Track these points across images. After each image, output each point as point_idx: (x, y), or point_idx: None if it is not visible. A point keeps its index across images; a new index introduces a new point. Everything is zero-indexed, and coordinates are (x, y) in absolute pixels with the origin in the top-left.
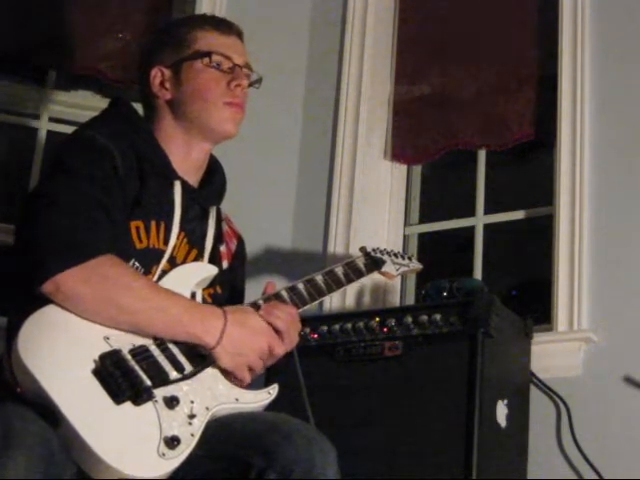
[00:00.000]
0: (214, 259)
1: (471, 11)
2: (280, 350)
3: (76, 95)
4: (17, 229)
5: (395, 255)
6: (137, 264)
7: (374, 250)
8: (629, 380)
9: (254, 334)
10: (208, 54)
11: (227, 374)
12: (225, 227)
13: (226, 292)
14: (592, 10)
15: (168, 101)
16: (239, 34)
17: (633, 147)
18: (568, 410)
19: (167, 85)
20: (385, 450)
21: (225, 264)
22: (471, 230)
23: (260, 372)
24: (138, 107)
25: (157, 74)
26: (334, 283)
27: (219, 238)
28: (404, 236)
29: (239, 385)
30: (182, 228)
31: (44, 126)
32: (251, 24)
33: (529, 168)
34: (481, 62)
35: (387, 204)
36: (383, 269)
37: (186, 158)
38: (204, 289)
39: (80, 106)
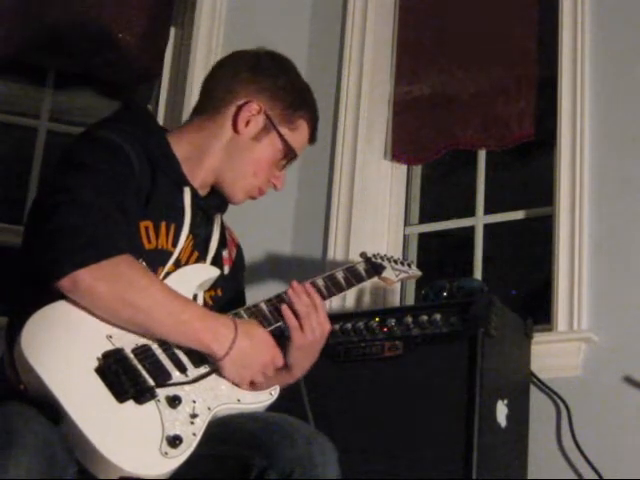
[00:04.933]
0: (216, 263)
1: (471, 11)
2: (281, 362)
3: (76, 95)
4: (30, 225)
5: (395, 261)
6: (144, 264)
7: (374, 256)
8: (629, 380)
9: (259, 347)
10: (293, 152)
11: None
12: (227, 235)
13: (226, 296)
14: (592, 10)
15: (235, 134)
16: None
17: (633, 147)
18: (568, 410)
19: (250, 124)
20: (385, 450)
21: (226, 269)
22: (471, 230)
23: (261, 383)
24: None
25: (254, 108)
26: (334, 287)
27: (223, 243)
28: (404, 236)
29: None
30: (191, 231)
31: (44, 126)
32: (251, 24)
33: (529, 168)
34: (481, 62)
35: (387, 204)
36: (383, 275)
37: (196, 173)
38: (205, 291)
39: (80, 106)
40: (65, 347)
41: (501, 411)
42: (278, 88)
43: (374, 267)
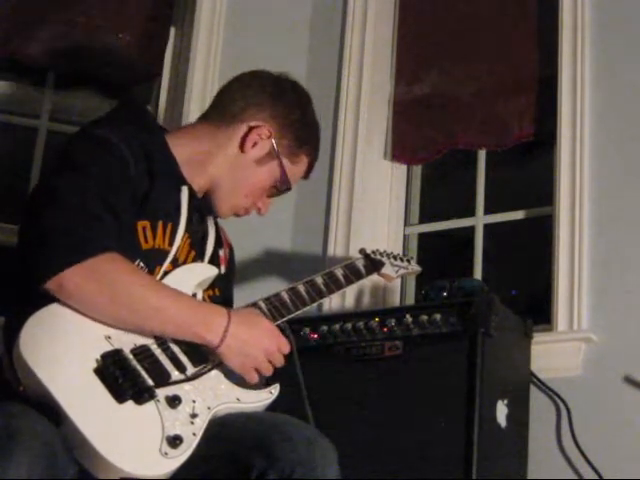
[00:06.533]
0: (214, 262)
1: (471, 11)
2: (287, 349)
3: (76, 95)
4: (21, 226)
5: (394, 257)
6: (142, 264)
7: (373, 252)
8: (629, 380)
9: (260, 334)
10: (288, 184)
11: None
12: (221, 235)
13: (222, 296)
14: (592, 10)
15: (240, 151)
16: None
17: (633, 147)
18: (568, 410)
19: (257, 146)
20: (385, 450)
21: (223, 269)
22: (471, 230)
23: (268, 374)
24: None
25: (264, 133)
26: (334, 284)
27: (219, 243)
28: (404, 236)
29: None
30: (187, 230)
31: (44, 126)
32: (251, 24)
33: (529, 168)
34: (481, 62)
35: (387, 204)
36: (382, 271)
37: (196, 176)
38: (204, 290)
39: (80, 106)
40: (64, 349)
41: (501, 411)
42: (291, 121)
43: (373, 263)
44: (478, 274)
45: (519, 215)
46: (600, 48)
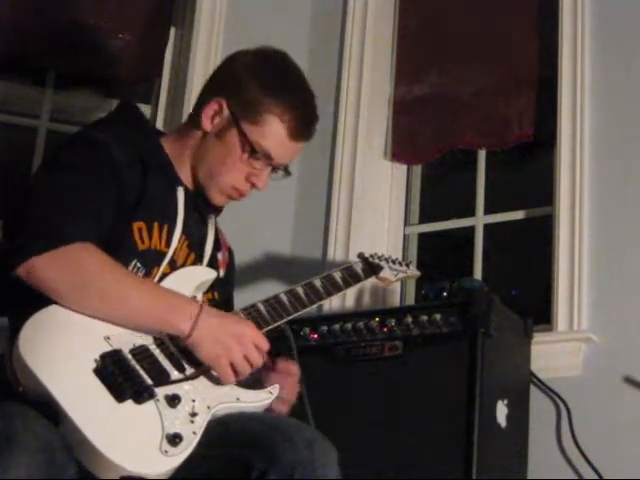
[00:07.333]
0: (212, 265)
1: (471, 11)
2: (265, 346)
3: (76, 95)
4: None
5: (393, 262)
6: (139, 265)
7: (372, 256)
8: (629, 380)
9: (232, 321)
10: (252, 148)
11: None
12: (220, 238)
13: (221, 299)
14: (592, 10)
15: (204, 133)
16: (308, 138)
17: (633, 147)
18: (568, 410)
19: (216, 121)
20: (385, 450)
21: (222, 272)
22: (471, 230)
23: (245, 375)
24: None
25: (214, 107)
26: (332, 287)
27: (217, 245)
28: (404, 236)
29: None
30: (184, 231)
31: (44, 126)
32: (251, 24)
33: (529, 168)
34: (481, 62)
35: (387, 204)
36: (381, 274)
37: (180, 173)
38: (203, 293)
39: (80, 106)
40: (63, 349)
41: (501, 411)
42: (241, 86)
43: (371, 267)
44: (478, 274)
45: (519, 215)
46: (600, 48)
